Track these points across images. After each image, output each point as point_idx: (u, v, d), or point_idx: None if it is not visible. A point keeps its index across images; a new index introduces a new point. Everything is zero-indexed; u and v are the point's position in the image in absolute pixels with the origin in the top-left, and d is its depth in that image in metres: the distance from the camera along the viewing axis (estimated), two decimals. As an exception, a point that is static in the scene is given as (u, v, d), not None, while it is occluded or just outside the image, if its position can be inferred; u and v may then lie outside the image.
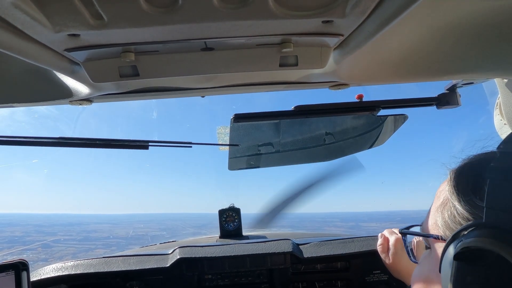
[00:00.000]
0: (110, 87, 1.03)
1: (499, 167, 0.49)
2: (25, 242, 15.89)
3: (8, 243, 16.06)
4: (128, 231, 16.57)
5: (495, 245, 0.45)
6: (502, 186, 0.48)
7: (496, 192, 0.48)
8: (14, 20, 0.58)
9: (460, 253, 0.49)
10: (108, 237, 15.40)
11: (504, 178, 0.48)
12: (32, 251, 12.65)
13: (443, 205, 0.60)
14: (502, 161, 0.50)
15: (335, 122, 1.74)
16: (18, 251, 13.28)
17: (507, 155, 0.51)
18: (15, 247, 14.50)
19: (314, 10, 0.62)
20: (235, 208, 2.11)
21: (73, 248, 11.43)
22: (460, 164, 0.62)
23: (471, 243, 0.48)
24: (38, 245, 13.66)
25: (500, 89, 1.18)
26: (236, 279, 1.57)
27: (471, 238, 0.48)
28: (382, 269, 1.54)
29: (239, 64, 0.83)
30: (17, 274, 1.15)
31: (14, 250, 13.75)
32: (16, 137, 1.28)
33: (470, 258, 0.48)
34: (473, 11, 0.72)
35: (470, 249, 0.48)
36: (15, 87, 1.02)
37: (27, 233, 19.08)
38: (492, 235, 0.46)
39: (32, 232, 19.13)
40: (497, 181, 0.49)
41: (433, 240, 0.62)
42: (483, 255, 0.47)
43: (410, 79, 1.10)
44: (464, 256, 0.48)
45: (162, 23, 0.62)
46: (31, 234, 18.56)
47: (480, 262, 0.47)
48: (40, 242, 14.21)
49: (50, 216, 17.75)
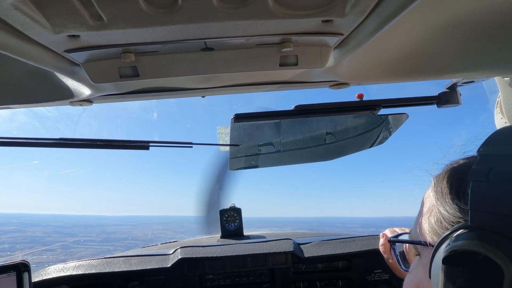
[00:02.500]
0: (110, 87, 1.03)
1: (480, 169, 0.50)
2: (45, 242, 16.02)
3: (29, 243, 16.23)
4: (147, 233, 16.65)
5: (481, 247, 0.46)
6: (484, 188, 0.48)
7: (479, 194, 0.49)
8: (14, 22, 0.58)
9: (448, 256, 0.49)
10: (127, 238, 15.49)
11: (486, 180, 0.48)
12: (52, 251, 12.77)
13: (429, 212, 0.61)
14: (483, 163, 0.50)
15: (336, 121, 1.74)
16: (39, 251, 13.40)
17: (487, 157, 0.51)
18: (36, 247, 14.64)
19: (314, 9, 0.62)
20: (236, 208, 2.11)
21: (92, 249, 11.52)
22: (443, 169, 0.63)
23: (458, 246, 0.48)
24: (58, 246, 13.78)
25: (501, 88, 1.18)
26: (237, 279, 1.57)
27: (458, 241, 0.49)
28: (383, 268, 1.54)
29: (239, 64, 0.83)
30: (18, 275, 1.16)
31: (35, 250, 13.89)
32: (17, 138, 1.28)
33: (458, 261, 0.48)
34: (473, 10, 0.72)
35: (457, 252, 0.48)
36: (15, 88, 1.02)
37: (47, 234, 19.21)
38: (478, 237, 0.47)
39: (53, 233, 19.27)
40: (479, 183, 0.49)
41: (422, 247, 0.62)
42: (470, 257, 0.47)
43: (410, 78, 1.10)
44: (452, 260, 0.49)
45: (161, 23, 0.62)
46: (51, 235, 18.70)
47: (468, 264, 0.47)
48: (60, 243, 14.34)
49: (71, 217, 17.87)
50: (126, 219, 27.69)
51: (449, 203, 0.56)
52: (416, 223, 0.66)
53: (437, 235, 0.56)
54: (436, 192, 0.60)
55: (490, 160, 0.50)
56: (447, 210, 0.55)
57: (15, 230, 21.51)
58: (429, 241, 0.59)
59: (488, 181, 0.48)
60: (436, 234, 0.57)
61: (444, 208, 0.56)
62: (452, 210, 0.55)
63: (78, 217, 12.65)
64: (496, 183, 0.47)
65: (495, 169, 0.48)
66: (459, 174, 0.59)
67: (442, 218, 0.56)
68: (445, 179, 0.60)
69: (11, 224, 25.29)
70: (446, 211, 0.56)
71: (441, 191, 0.59)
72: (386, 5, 0.61)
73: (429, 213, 0.60)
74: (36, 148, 1.34)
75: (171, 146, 1.42)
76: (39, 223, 28.39)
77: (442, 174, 0.62)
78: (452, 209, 0.55)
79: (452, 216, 0.54)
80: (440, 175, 0.62)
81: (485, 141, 0.53)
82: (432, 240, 0.58)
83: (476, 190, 0.49)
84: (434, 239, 0.57)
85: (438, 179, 0.62)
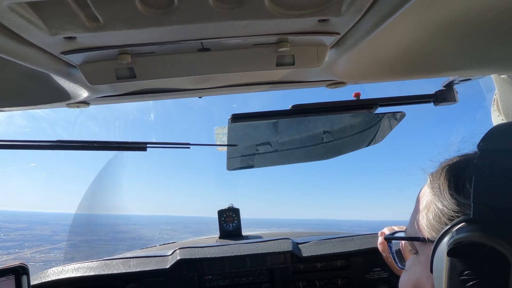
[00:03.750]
0: (107, 89, 1.03)
1: (482, 163, 0.51)
2: (53, 241, 16.04)
3: (37, 241, 16.26)
4: (154, 233, 16.64)
5: (487, 238, 0.47)
6: (487, 182, 0.50)
7: (482, 187, 0.50)
8: (10, 24, 0.58)
9: (453, 249, 0.50)
10: (134, 238, 15.50)
11: (489, 173, 0.49)
12: (59, 250, 12.82)
13: (427, 208, 0.61)
14: (485, 157, 0.52)
15: (333, 120, 1.74)
16: (46, 249, 13.44)
17: (488, 152, 0.52)
18: (44, 245, 14.68)
19: (310, 9, 0.62)
20: (234, 208, 2.11)
21: (99, 248, 11.56)
22: (439, 167, 0.64)
23: (463, 238, 0.49)
24: (66, 244, 13.84)
25: (497, 85, 1.19)
26: (236, 279, 1.57)
27: (462, 234, 0.49)
28: (382, 267, 1.54)
29: (236, 64, 0.83)
30: (17, 278, 1.15)
31: (43, 248, 13.95)
32: (14, 141, 1.27)
33: (463, 253, 0.49)
34: (469, 8, 0.72)
35: (462, 244, 0.49)
36: (11, 91, 1.01)
37: (55, 232, 19.20)
38: (483, 229, 0.48)
39: (61, 232, 19.28)
40: (482, 177, 0.50)
41: (419, 244, 0.62)
42: (476, 249, 0.48)
43: (407, 77, 1.10)
44: (457, 252, 0.49)
45: (158, 24, 0.62)
46: (59, 233, 18.70)
47: (473, 256, 0.48)
48: (68, 241, 14.47)
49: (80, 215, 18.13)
50: (133, 218, 27.70)
51: (448, 199, 0.56)
52: (412, 221, 0.66)
53: (436, 231, 0.57)
54: (433, 189, 0.61)
55: (491, 154, 0.51)
56: (446, 205, 0.56)
57: (24, 228, 21.54)
58: (428, 237, 0.59)
59: (491, 174, 0.49)
60: (435, 230, 0.57)
61: (442, 204, 0.57)
62: (451, 205, 0.55)
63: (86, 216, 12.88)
64: (499, 177, 0.49)
65: (498, 162, 0.49)
66: (456, 170, 0.59)
67: (441, 213, 0.57)
68: (442, 175, 0.60)
69: (21, 222, 25.27)
70: (444, 207, 0.56)
71: (439, 187, 0.59)
72: (382, 4, 0.61)
73: (427, 210, 0.60)
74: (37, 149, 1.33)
75: (169, 147, 1.42)
76: (48, 222, 28.34)
77: (438, 171, 0.63)
78: (451, 204, 0.55)
79: (451, 211, 0.55)
80: (436, 172, 0.63)
81: (485, 136, 0.54)
82: (430, 236, 0.58)
83: (478, 183, 0.50)
84: (433, 235, 0.57)
85: (435, 176, 0.62)
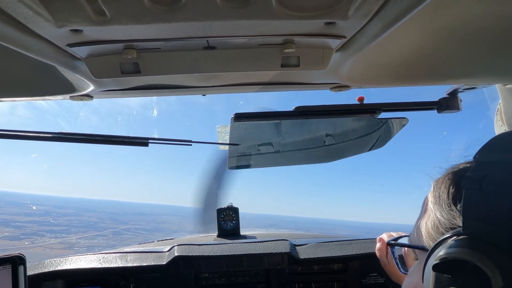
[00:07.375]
0: (111, 83, 1.03)
1: (474, 176, 0.49)
2: (98, 228, 16.24)
3: (84, 228, 16.49)
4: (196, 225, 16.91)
5: (470, 255, 0.45)
6: (476, 196, 0.48)
7: (471, 201, 0.48)
8: (17, 14, 0.58)
9: (438, 264, 0.48)
10: (176, 230, 15.58)
11: (479, 187, 0.47)
12: (103, 237, 12.98)
13: (427, 216, 0.60)
14: (477, 170, 0.49)
15: (336, 123, 1.74)
16: (91, 236, 13.61)
17: (481, 165, 0.50)
18: (89, 232, 14.84)
19: (317, 11, 0.62)
20: (234, 207, 2.11)
21: (141, 237, 11.70)
22: (442, 174, 0.62)
23: (448, 254, 0.47)
24: (110, 231, 13.98)
25: (501, 95, 1.18)
26: (233, 279, 1.57)
27: (448, 249, 0.48)
28: (379, 272, 1.54)
29: (240, 64, 0.83)
30: (14, 268, 1.16)
31: (88, 234, 14.14)
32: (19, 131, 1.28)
33: (448, 268, 0.47)
34: (476, 16, 0.72)
35: (448, 259, 0.47)
36: (16, 81, 1.02)
37: (101, 220, 19.41)
38: (468, 245, 0.46)
39: (107, 219, 19.50)
40: (472, 191, 0.48)
41: (419, 251, 0.62)
42: (460, 265, 0.46)
43: (411, 83, 1.10)
44: (442, 267, 0.48)
45: (164, 20, 0.62)
46: (105, 221, 18.89)
47: (457, 272, 0.47)
48: (112, 229, 14.56)
49: (124, 204, 18.02)
50: (176, 209, 27.82)
51: (445, 209, 0.55)
52: (415, 227, 0.66)
53: (432, 240, 0.56)
54: (434, 197, 0.60)
55: (485, 167, 0.49)
56: (443, 215, 0.55)
57: (72, 213, 21.72)
58: (426, 246, 0.58)
59: (481, 189, 0.47)
60: (432, 239, 0.57)
61: (440, 213, 0.56)
62: (448, 215, 0.54)
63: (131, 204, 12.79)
64: (488, 191, 0.47)
65: (488, 177, 0.47)
66: (456, 179, 0.58)
67: (439, 223, 0.56)
68: (443, 183, 0.60)
69: (69, 208, 25.44)
70: (442, 216, 0.55)
71: (439, 196, 0.59)
72: (389, 9, 0.61)
73: (427, 218, 0.60)
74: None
75: (170, 143, 1.42)
76: (95, 209, 28.56)
77: (441, 179, 0.62)
78: (448, 214, 0.54)
79: (448, 222, 0.54)
80: (439, 179, 0.62)
81: (482, 147, 0.52)
82: (428, 245, 0.58)
83: (468, 197, 0.48)
84: (430, 244, 0.57)
85: (437, 183, 0.62)
